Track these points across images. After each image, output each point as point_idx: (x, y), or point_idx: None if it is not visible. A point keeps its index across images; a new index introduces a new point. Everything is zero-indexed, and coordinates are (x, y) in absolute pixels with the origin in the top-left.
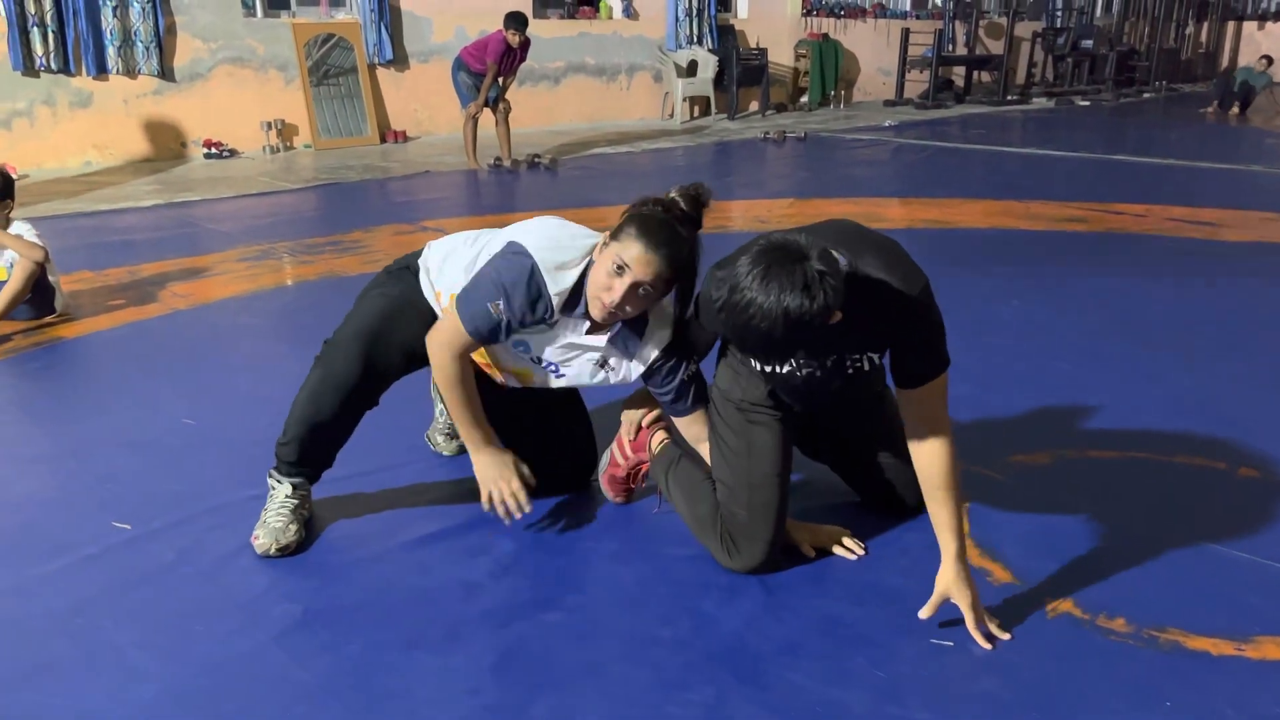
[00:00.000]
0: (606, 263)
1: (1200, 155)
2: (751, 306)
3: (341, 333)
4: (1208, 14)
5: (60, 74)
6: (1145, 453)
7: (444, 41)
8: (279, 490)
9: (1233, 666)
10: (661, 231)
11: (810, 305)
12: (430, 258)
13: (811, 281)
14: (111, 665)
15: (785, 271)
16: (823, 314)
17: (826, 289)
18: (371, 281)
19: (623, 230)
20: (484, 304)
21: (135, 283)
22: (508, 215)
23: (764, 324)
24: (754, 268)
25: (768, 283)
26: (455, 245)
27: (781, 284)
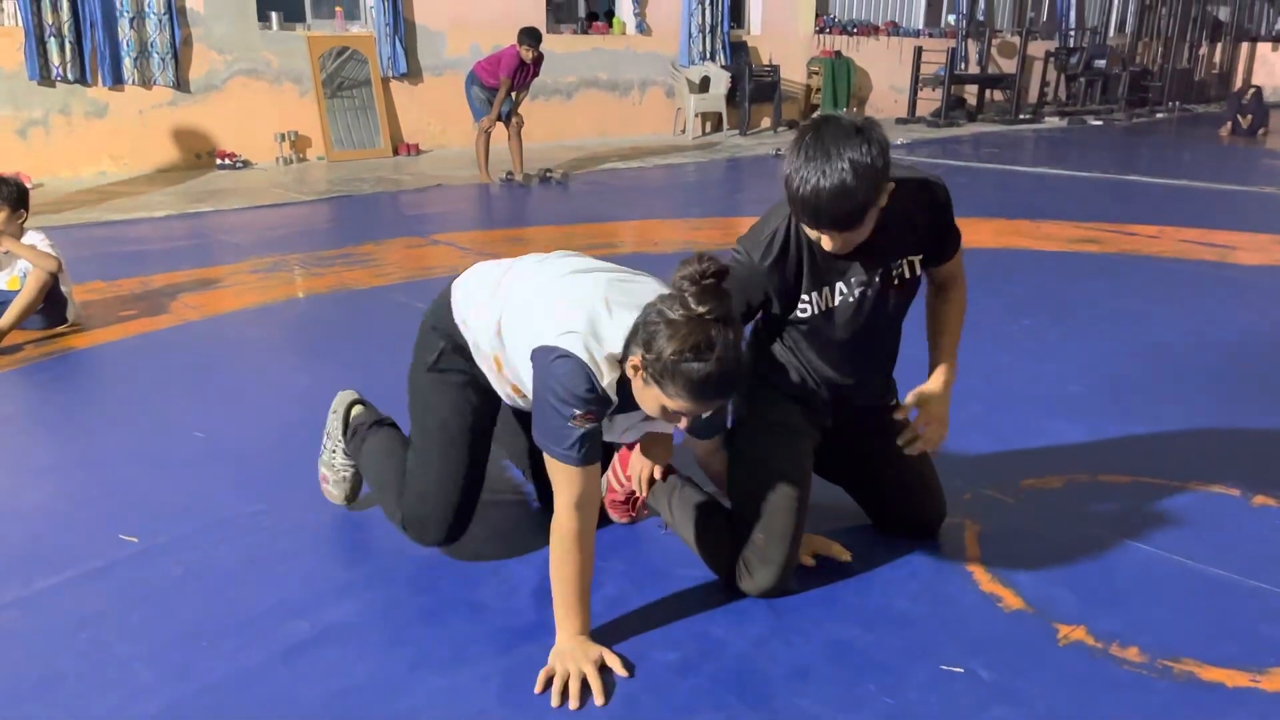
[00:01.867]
0: (651, 403)
1: (1213, 177)
2: (824, 169)
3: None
4: (1221, 35)
5: (76, 84)
6: (1158, 478)
7: (458, 55)
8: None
9: (1247, 698)
10: (712, 385)
11: (875, 132)
12: (466, 312)
13: (863, 125)
14: (116, 680)
15: (832, 131)
16: (883, 149)
17: (873, 130)
18: (421, 381)
19: (667, 380)
20: (567, 429)
21: (147, 293)
22: (519, 230)
23: (839, 177)
24: (802, 147)
25: (824, 146)
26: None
27: (837, 141)
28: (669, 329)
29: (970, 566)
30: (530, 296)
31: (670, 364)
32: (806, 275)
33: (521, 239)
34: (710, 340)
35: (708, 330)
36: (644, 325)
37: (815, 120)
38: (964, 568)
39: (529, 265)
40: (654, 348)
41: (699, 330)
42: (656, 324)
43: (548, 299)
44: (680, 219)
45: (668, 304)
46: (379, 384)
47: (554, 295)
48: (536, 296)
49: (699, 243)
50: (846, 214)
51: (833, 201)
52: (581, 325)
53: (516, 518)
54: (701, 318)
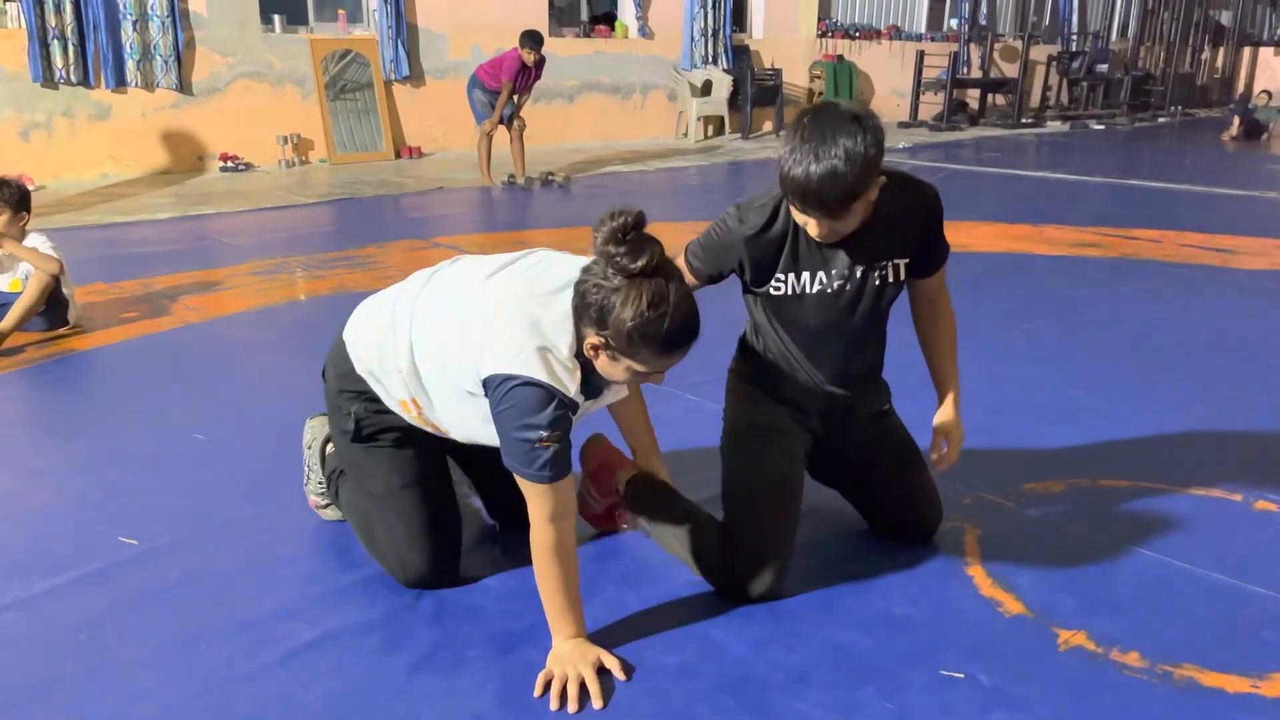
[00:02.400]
0: (621, 374)
1: (1216, 181)
2: (817, 152)
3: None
4: (1223, 40)
5: (79, 86)
6: (1160, 483)
7: (460, 59)
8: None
9: (1248, 704)
10: (681, 335)
11: (866, 134)
12: (367, 363)
13: (860, 114)
14: (115, 683)
15: (830, 118)
16: (878, 140)
17: (870, 120)
18: (347, 453)
19: (634, 349)
20: (535, 451)
21: (148, 295)
22: (520, 232)
23: (830, 163)
24: (799, 130)
25: (821, 131)
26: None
27: (834, 127)
28: (617, 296)
29: (970, 571)
30: (443, 321)
31: (632, 331)
32: (786, 255)
33: (523, 242)
34: (662, 292)
35: (649, 283)
36: (585, 304)
37: (815, 106)
38: (964, 572)
39: (420, 287)
40: (608, 321)
41: (646, 287)
42: (600, 296)
43: (471, 321)
44: (682, 222)
45: (601, 272)
46: None
47: (477, 314)
48: (452, 320)
49: None
50: (835, 200)
51: (822, 185)
52: (528, 339)
53: (513, 523)
54: (643, 273)
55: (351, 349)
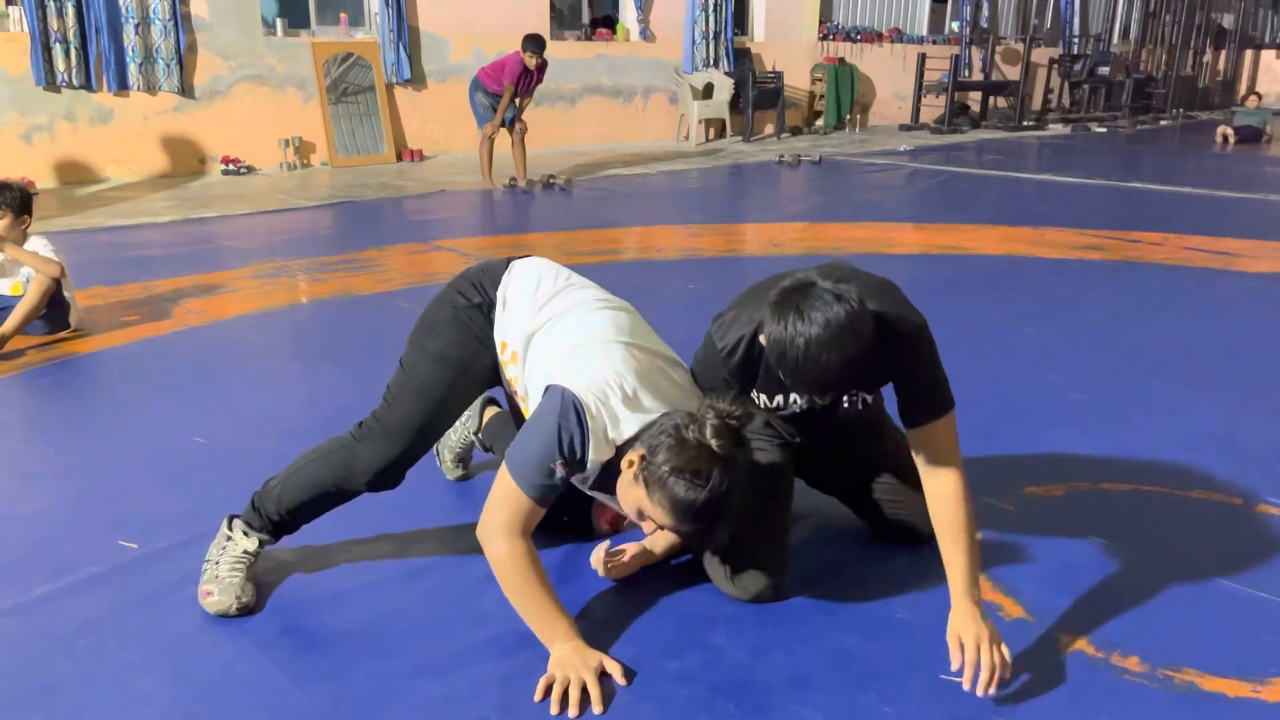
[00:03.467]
0: (630, 501)
1: (1217, 184)
2: (810, 345)
3: (391, 424)
4: (1225, 42)
5: (82, 89)
6: (1161, 486)
7: (461, 62)
8: (239, 544)
9: (1249, 709)
10: (692, 512)
11: (855, 308)
12: (509, 292)
13: (841, 294)
14: (114, 687)
15: (811, 301)
16: (864, 313)
17: (851, 296)
18: (440, 310)
19: (654, 488)
20: (546, 464)
21: (150, 299)
22: (522, 235)
23: (826, 353)
24: (785, 319)
25: (806, 316)
26: (526, 296)
27: (819, 311)
28: (678, 445)
29: None
30: (573, 337)
31: (663, 475)
32: (761, 379)
33: (525, 245)
34: (709, 473)
35: (711, 462)
36: (656, 429)
37: (787, 290)
38: None
39: (582, 302)
40: (656, 454)
41: (703, 458)
42: (668, 435)
43: (592, 352)
44: (683, 225)
45: (685, 422)
46: (379, 389)
47: (599, 353)
48: (582, 342)
49: (701, 249)
50: (829, 383)
51: (822, 373)
52: (612, 397)
53: None
54: (710, 450)
55: (509, 278)
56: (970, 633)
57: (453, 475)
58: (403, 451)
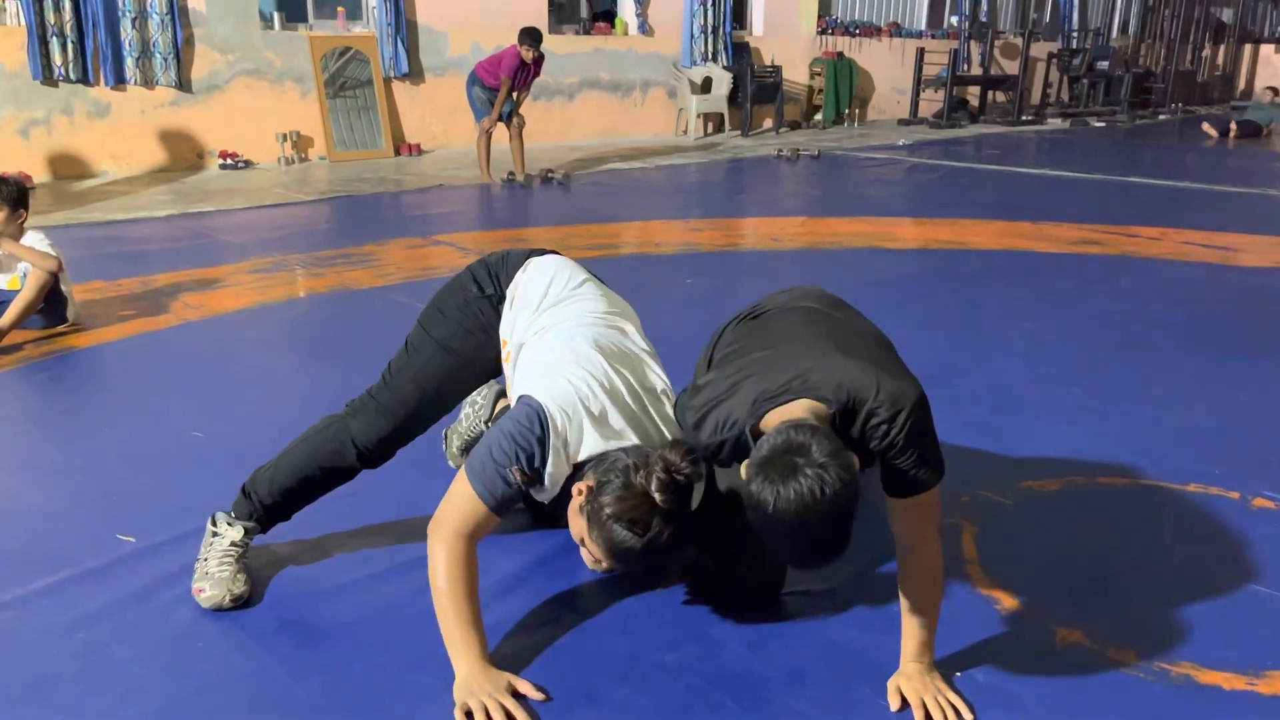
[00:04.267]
0: (576, 528)
1: (1215, 178)
2: (786, 526)
3: (385, 402)
4: (1224, 37)
5: (79, 84)
6: (1158, 480)
7: (459, 56)
8: (225, 535)
9: (1245, 702)
10: (627, 557)
11: (839, 491)
12: (519, 290)
13: (825, 479)
14: (111, 681)
15: (793, 479)
16: (847, 489)
17: (839, 475)
18: (452, 296)
19: (594, 526)
20: (504, 470)
21: (148, 293)
22: (520, 230)
23: (811, 531)
24: (764, 489)
25: (787, 500)
26: (533, 299)
27: (797, 492)
28: (623, 489)
29: (968, 568)
30: (556, 353)
31: (604, 517)
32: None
33: (523, 239)
34: (648, 523)
35: (652, 513)
36: (607, 466)
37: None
38: (962, 569)
39: (579, 315)
40: (601, 493)
41: (644, 508)
42: (616, 476)
43: (569, 367)
44: (681, 220)
45: (637, 464)
46: None
47: (575, 369)
48: (562, 358)
49: (700, 244)
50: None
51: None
52: (578, 414)
53: (509, 518)
54: (653, 501)
55: (523, 275)
56: (912, 687)
57: (455, 463)
58: (392, 430)
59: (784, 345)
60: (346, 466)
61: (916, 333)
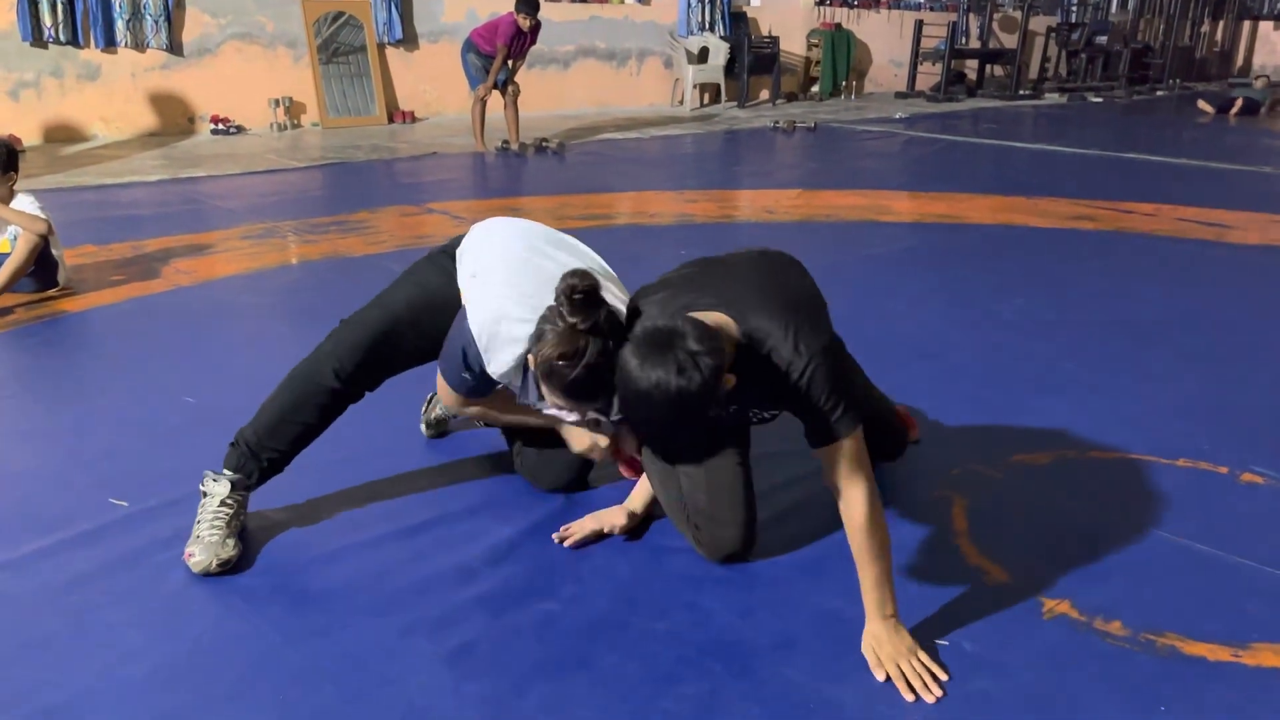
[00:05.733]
0: (551, 405)
1: (1211, 155)
2: (639, 398)
3: (354, 322)
4: (1223, 13)
5: (68, 46)
6: (1147, 455)
7: (454, 22)
8: (213, 495)
9: (1229, 673)
10: (582, 389)
11: (688, 385)
12: (466, 244)
13: (685, 365)
14: (104, 643)
15: (660, 355)
16: (705, 391)
17: (701, 368)
18: (416, 262)
19: (546, 383)
20: (458, 374)
21: (139, 258)
22: (514, 199)
23: (656, 411)
24: (632, 359)
25: (645, 369)
26: (475, 245)
27: (659, 368)
28: (548, 336)
29: (957, 540)
30: (488, 265)
31: (546, 371)
32: None
33: (517, 208)
34: (579, 349)
35: (576, 340)
36: (535, 331)
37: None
38: (951, 541)
39: (501, 232)
40: (537, 355)
41: (569, 339)
42: (541, 330)
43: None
44: (676, 190)
45: (547, 316)
46: None
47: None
48: (489, 268)
49: (694, 215)
50: (670, 430)
51: (658, 425)
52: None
53: (502, 484)
54: (573, 328)
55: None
56: (885, 652)
57: (427, 431)
58: (363, 347)
59: (718, 276)
60: (325, 389)
61: (910, 307)
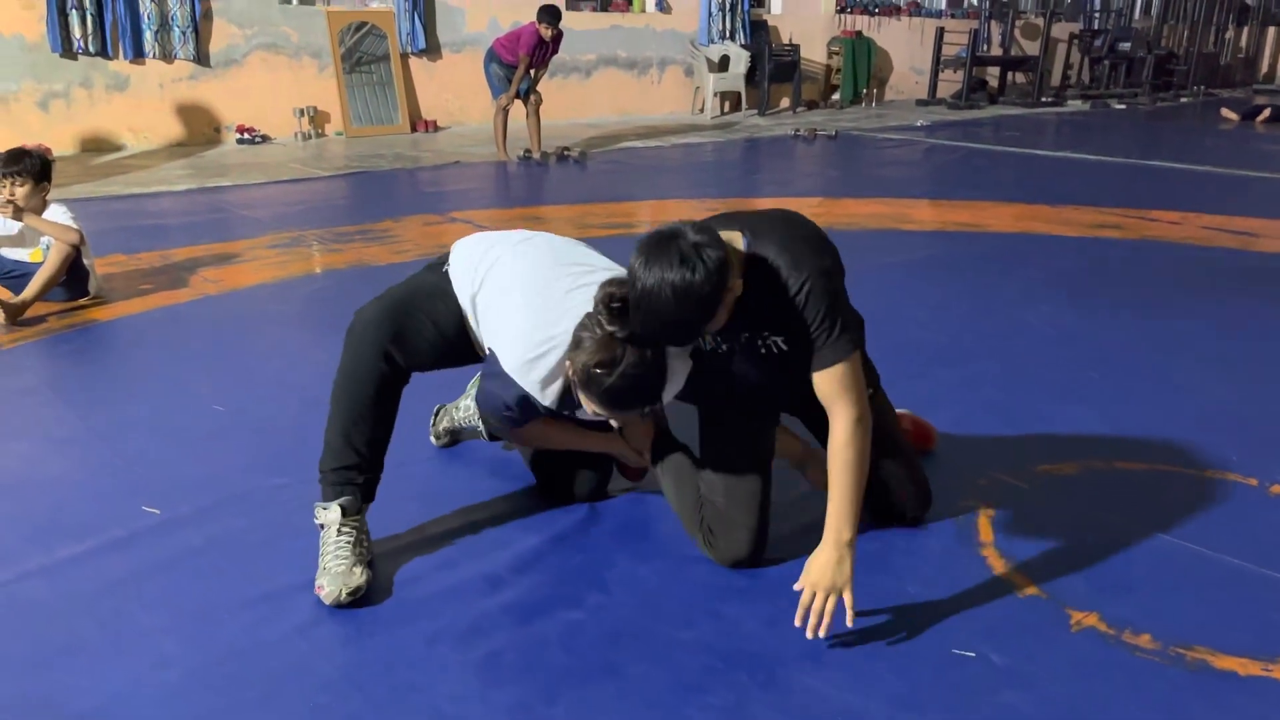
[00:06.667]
0: (588, 408)
1: (1236, 163)
2: (646, 298)
3: (360, 316)
4: (1248, 19)
5: (98, 57)
6: (1174, 466)
7: (477, 32)
8: (329, 524)
9: (1260, 687)
10: (622, 397)
11: (692, 276)
12: (453, 262)
13: (688, 255)
14: (138, 649)
15: (663, 251)
16: (708, 282)
17: (704, 258)
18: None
19: (585, 389)
20: (501, 413)
21: (167, 267)
22: (536, 208)
23: (665, 310)
24: (636, 262)
25: (650, 267)
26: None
27: (662, 264)
28: (587, 343)
29: (983, 551)
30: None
31: (584, 379)
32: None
33: (539, 217)
34: (616, 357)
35: (613, 348)
36: (574, 337)
37: (651, 235)
38: (977, 552)
39: (511, 247)
40: (574, 363)
41: (607, 347)
42: (576, 341)
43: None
44: (697, 199)
45: (588, 321)
46: None
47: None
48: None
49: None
50: (674, 334)
51: (662, 325)
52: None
53: (528, 494)
54: (611, 336)
55: (454, 257)
56: (813, 575)
57: (437, 440)
58: (387, 315)
59: (749, 214)
60: (369, 376)
61: (932, 315)
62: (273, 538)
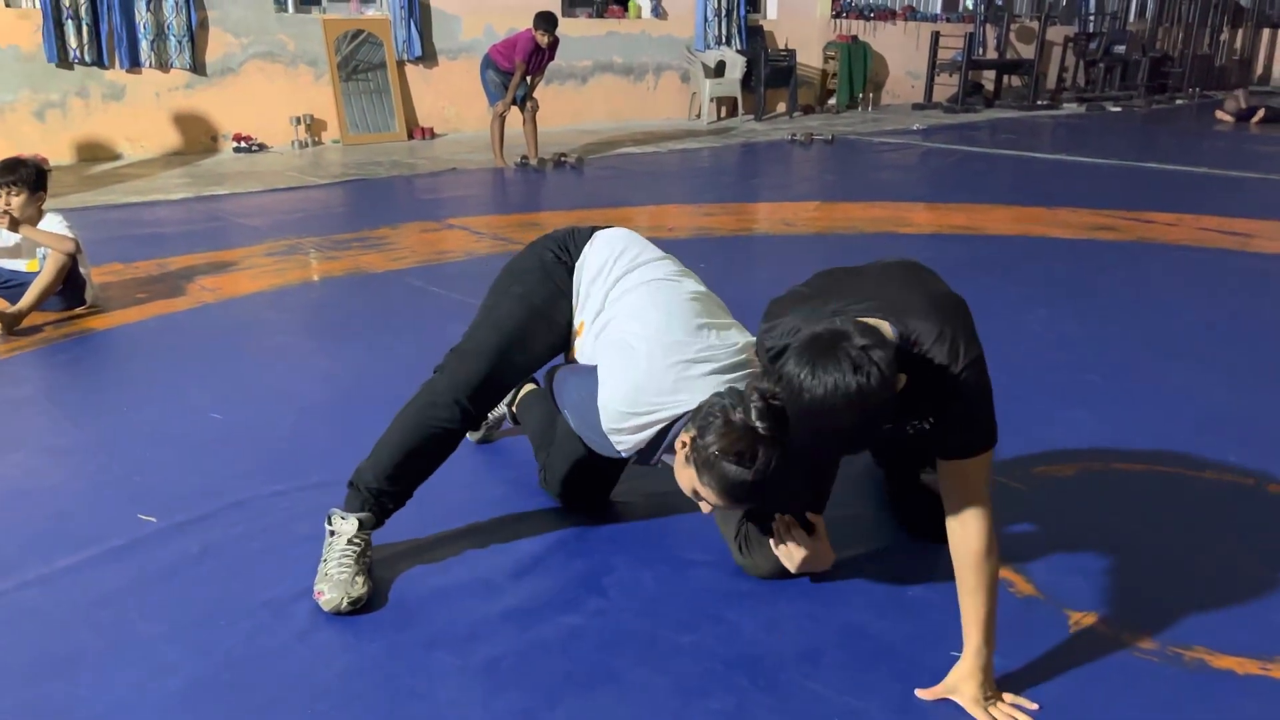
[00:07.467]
0: (685, 481)
1: (1232, 164)
2: (818, 407)
3: (467, 352)
4: (1243, 21)
5: (94, 66)
6: (1172, 467)
7: (473, 39)
8: (341, 533)
9: (1258, 686)
10: (742, 492)
11: (868, 384)
12: (586, 263)
13: (860, 363)
14: (138, 657)
15: (830, 358)
16: (884, 386)
17: (877, 362)
18: (527, 260)
19: (704, 470)
20: (613, 448)
21: (164, 275)
22: (534, 214)
23: (839, 419)
24: (800, 370)
25: (820, 378)
26: (603, 270)
27: (833, 372)
28: (724, 427)
29: None
30: (629, 327)
31: (712, 458)
32: None
33: (536, 224)
34: (755, 453)
35: (756, 444)
36: (705, 412)
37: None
38: None
39: (647, 281)
40: (704, 436)
41: (749, 440)
42: (715, 417)
43: (637, 350)
44: (694, 204)
45: (733, 404)
46: (393, 366)
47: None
48: (632, 339)
49: (713, 229)
50: (847, 442)
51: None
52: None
53: (525, 497)
54: (756, 431)
55: (590, 249)
56: (967, 695)
57: (473, 437)
58: (479, 377)
59: (858, 283)
60: (442, 426)
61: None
62: (271, 545)
